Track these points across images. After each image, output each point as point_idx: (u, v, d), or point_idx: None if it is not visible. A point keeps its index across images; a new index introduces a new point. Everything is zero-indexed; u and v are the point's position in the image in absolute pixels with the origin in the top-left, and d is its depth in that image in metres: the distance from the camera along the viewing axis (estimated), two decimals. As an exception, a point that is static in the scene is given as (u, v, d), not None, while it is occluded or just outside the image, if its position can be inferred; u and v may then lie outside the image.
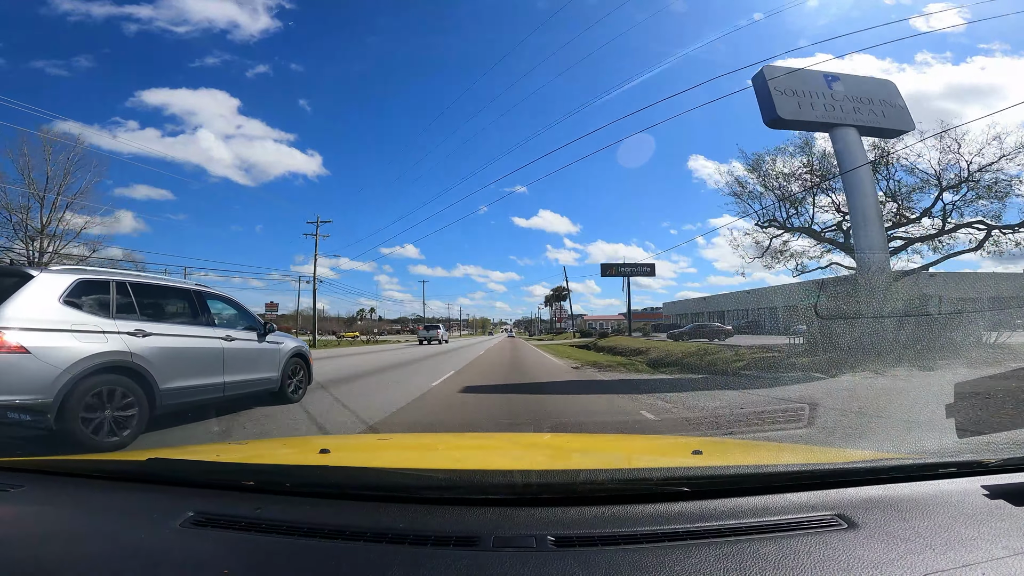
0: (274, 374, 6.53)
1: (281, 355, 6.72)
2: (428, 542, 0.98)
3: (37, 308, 4.05)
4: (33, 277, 4.16)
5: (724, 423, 5.42)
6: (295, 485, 1.28)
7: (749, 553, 0.92)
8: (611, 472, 1.27)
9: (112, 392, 4.26)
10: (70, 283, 4.34)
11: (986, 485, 1.16)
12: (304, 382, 7.27)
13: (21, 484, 1.33)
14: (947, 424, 3.60)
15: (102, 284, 4.66)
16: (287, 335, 7.47)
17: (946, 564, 0.88)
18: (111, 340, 4.38)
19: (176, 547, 1.02)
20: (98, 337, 4.30)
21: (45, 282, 4.20)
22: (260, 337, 6.35)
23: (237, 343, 5.85)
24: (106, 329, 4.40)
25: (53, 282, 4.25)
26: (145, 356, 4.58)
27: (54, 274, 4.35)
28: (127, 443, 4.20)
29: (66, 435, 3.86)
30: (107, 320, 4.48)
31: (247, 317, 6.48)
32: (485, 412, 6.70)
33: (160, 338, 4.84)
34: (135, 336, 4.60)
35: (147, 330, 4.74)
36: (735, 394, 7.66)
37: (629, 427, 5.40)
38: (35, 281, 4.14)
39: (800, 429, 4.54)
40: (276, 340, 6.70)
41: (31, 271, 4.25)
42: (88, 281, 4.54)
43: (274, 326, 6.90)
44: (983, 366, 8.91)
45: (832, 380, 8.86)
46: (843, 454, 1.88)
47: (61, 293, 4.24)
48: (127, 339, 4.52)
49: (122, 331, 4.52)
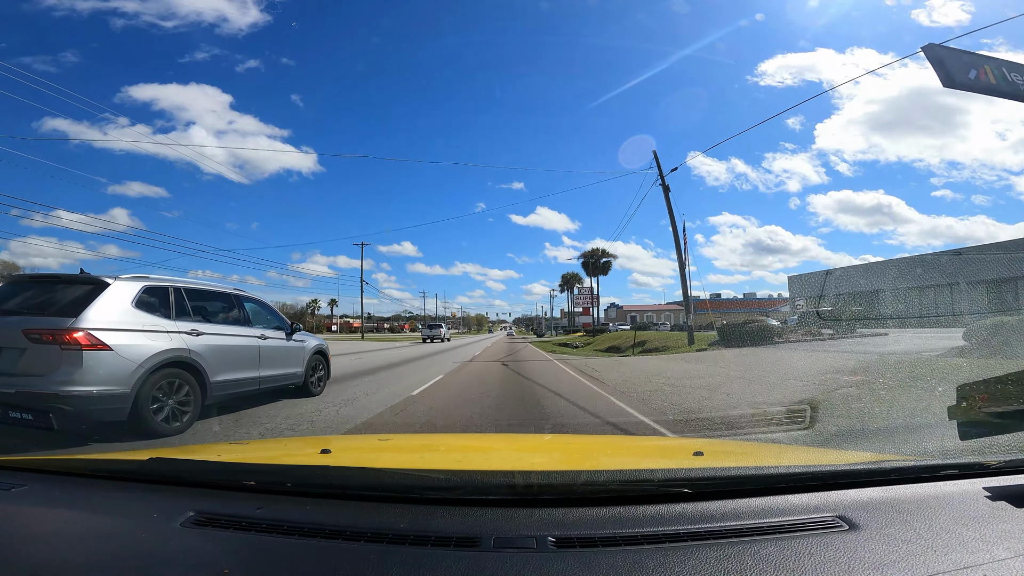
0: (299, 369, 7.12)
1: (306, 352, 7.32)
2: (429, 542, 0.98)
3: (114, 311, 4.60)
4: (109, 285, 4.71)
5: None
6: (296, 485, 1.28)
7: (750, 554, 0.91)
8: (612, 473, 1.27)
9: (174, 384, 4.86)
10: (139, 289, 4.94)
11: (988, 487, 1.16)
12: (324, 377, 7.93)
13: (23, 483, 1.33)
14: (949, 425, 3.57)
15: (163, 290, 5.24)
16: (310, 334, 8.09)
17: (948, 566, 0.87)
18: (173, 339, 4.98)
19: (177, 546, 1.02)
20: (163, 336, 4.90)
21: (119, 289, 4.76)
22: (288, 336, 6.93)
23: (270, 341, 6.47)
24: (169, 329, 5.01)
25: (125, 289, 4.83)
26: (200, 352, 5.18)
27: (125, 282, 4.90)
28: (185, 429, 4.81)
29: (138, 421, 4.43)
30: (169, 321, 5.07)
31: (276, 318, 7.10)
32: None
33: (210, 337, 5.44)
34: (191, 335, 5.19)
35: (200, 330, 5.34)
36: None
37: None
38: (111, 288, 4.69)
39: (801, 431, 4.53)
40: (301, 339, 7.30)
41: (106, 279, 4.78)
42: (153, 287, 5.13)
43: (300, 326, 7.48)
44: None
45: None
46: (844, 455, 1.88)
47: (132, 298, 4.82)
48: (185, 338, 5.12)
49: (181, 331, 5.12)
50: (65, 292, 4.68)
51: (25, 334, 4.17)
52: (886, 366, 8.92)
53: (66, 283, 4.82)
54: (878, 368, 8.72)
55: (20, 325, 4.23)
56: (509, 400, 7.47)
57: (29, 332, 4.18)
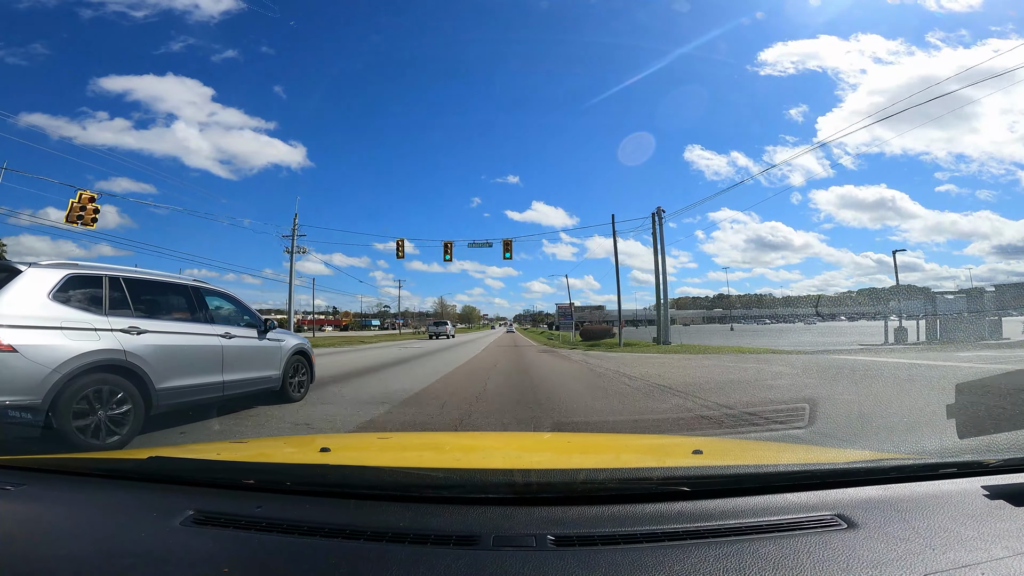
0: (275, 372, 6.44)
1: (282, 353, 6.63)
2: (428, 541, 0.98)
3: (25, 304, 3.89)
4: (21, 272, 4.01)
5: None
6: (295, 484, 1.28)
7: (749, 553, 0.92)
8: (611, 472, 1.27)
9: (105, 392, 4.11)
10: (60, 278, 4.18)
11: (986, 485, 1.16)
12: (307, 380, 7.21)
13: (22, 482, 1.33)
14: (947, 424, 3.58)
15: (94, 279, 4.48)
16: (288, 332, 7.33)
17: (946, 564, 0.87)
18: (103, 338, 4.23)
19: (176, 545, 1.02)
20: (90, 335, 4.14)
21: (34, 277, 4.04)
22: (260, 334, 6.25)
23: (236, 341, 5.74)
24: (98, 326, 4.25)
25: (42, 277, 4.10)
26: (140, 354, 4.45)
27: (44, 269, 4.17)
28: (122, 445, 4.08)
29: (57, 437, 3.74)
30: (100, 317, 4.32)
31: (247, 314, 6.37)
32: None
33: (156, 335, 4.70)
34: (129, 334, 4.45)
35: (142, 327, 4.58)
36: None
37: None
38: (23, 276, 3.99)
39: (800, 429, 4.53)
40: (277, 337, 6.62)
41: (19, 265, 4.09)
42: (80, 276, 4.37)
43: (275, 323, 6.79)
44: None
45: None
46: (843, 454, 1.89)
47: (51, 289, 4.08)
48: (120, 337, 4.37)
49: (115, 328, 4.36)
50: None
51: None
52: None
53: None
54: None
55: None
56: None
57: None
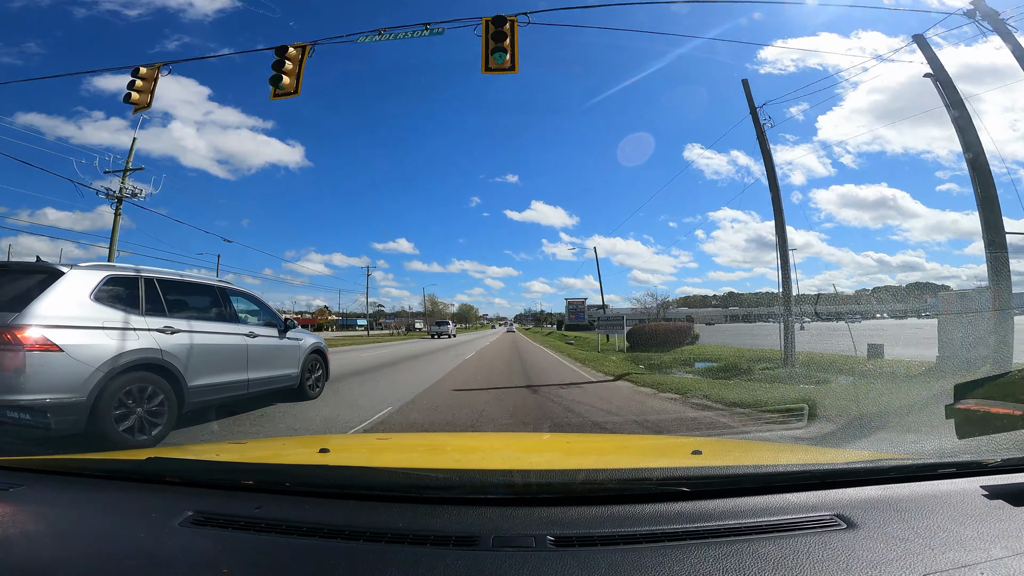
0: (294, 371, 6.59)
1: (301, 351, 6.79)
2: (427, 542, 0.98)
3: (68, 305, 3.99)
4: (64, 274, 4.10)
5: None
6: (294, 485, 1.27)
7: (748, 553, 0.92)
8: (610, 472, 1.27)
9: (142, 390, 4.25)
10: (100, 279, 4.29)
11: (985, 485, 1.16)
12: (323, 378, 7.40)
13: (20, 483, 1.33)
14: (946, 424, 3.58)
15: (131, 281, 4.61)
16: (306, 331, 7.59)
17: (945, 564, 0.88)
18: (141, 337, 4.37)
19: (175, 546, 1.02)
20: (129, 335, 4.28)
21: (76, 279, 4.14)
22: (280, 334, 6.41)
23: (260, 340, 5.89)
24: (136, 326, 4.38)
25: (83, 279, 4.20)
26: (174, 353, 4.58)
27: (84, 271, 4.28)
28: (156, 441, 4.20)
29: (98, 433, 3.84)
30: (137, 317, 4.45)
31: (268, 313, 6.53)
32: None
33: (188, 335, 4.82)
34: (164, 333, 4.59)
35: (175, 327, 4.71)
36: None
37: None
38: (65, 278, 4.08)
39: (800, 429, 4.54)
40: (296, 337, 6.77)
41: (61, 268, 4.18)
42: (118, 278, 4.49)
43: (294, 322, 6.97)
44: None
45: None
46: (843, 454, 1.89)
47: (92, 290, 4.19)
48: (157, 336, 4.50)
49: (152, 328, 4.49)
50: (13, 283, 4.02)
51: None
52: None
53: (13, 272, 4.19)
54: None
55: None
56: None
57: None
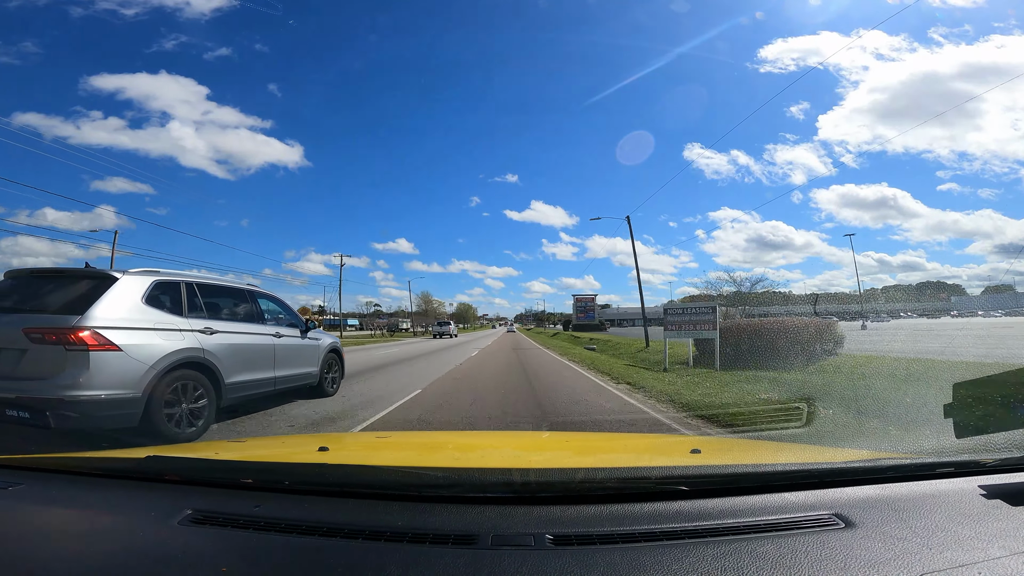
0: (314, 369, 6.93)
1: (320, 350, 7.14)
2: (426, 540, 0.98)
3: (123, 308, 4.31)
4: (117, 279, 4.42)
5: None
6: (293, 483, 1.27)
7: (747, 552, 0.92)
8: (609, 471, 1.27)
9: (186, 386, 4.57)
10: (150, 284, 4.64)
11: (983, 485, 1.16)
12: (339, 376, 7.77)
13: (19, 482, 1.33)
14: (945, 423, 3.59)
15: (175, 285, 4.95)
16: (324, 332, 7.90)
17: (943, 564, 0.88)
18: (186, 337, 4.70)
19: (174, 544, 1.02)
20: (176, 335, 4.62)
21: (128, 284, 4.47)
22: (302, 334, 6.74)
23: (285, 340, 6.24)
24: (182, 327, 4.73)
25: (135, 283, 4.54)
26: (214, 352, 4.92)
27: (135, 276, 4.61)
28: (199, 434, 4.55)
29: (150, 427, 4.13)
30: (181, 319, 4.79)
31: (290, 315, 6.90)
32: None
33: (225, 335, 5.19)
34: (204, 334, 4.92)
35: (214, 328, 5.06)
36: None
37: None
38: (119, 283, 4.40)
39: (799, 428, 4.55)
40: (315, 337, 7.13)
41: (114, 273, 4.48)
42: (164, 282, 4.84)
43: (315, 323, 7.42)
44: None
45: None
46: (841, 453, 1.89)
47: (143, 294, 4.53)
48: (199, 336, 4.85)
49: (194, 329, 4.84)
50: (69, 288, 4.34)
51: (26, 333, 3.89)
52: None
53: (70, 278, 4.48)
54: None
55: (21, 323, 3.95)
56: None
57: (31, 331, 3.90)
